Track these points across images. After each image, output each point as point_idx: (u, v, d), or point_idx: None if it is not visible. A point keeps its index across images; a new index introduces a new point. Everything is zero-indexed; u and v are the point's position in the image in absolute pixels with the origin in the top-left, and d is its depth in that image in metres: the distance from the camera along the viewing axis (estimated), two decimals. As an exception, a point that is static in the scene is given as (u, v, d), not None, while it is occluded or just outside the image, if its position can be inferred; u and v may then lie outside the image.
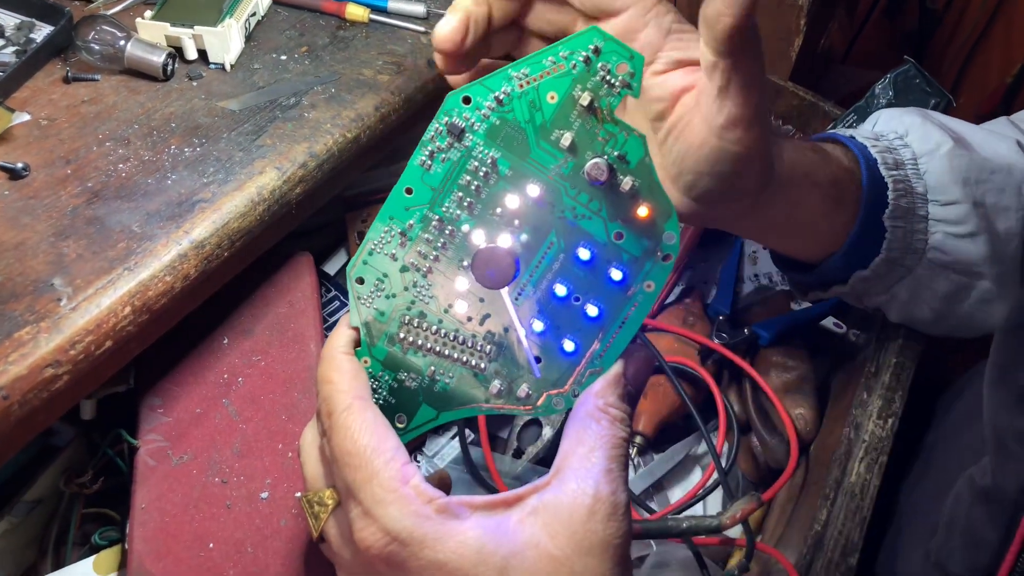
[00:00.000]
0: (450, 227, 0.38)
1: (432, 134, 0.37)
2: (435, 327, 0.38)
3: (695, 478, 0.68)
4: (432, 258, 0.38)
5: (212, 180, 0.52)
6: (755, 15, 0.36)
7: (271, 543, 0.50)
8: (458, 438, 0.64)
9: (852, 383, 0.62)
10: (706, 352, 0.70)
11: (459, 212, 0.37)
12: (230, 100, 0.58)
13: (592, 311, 0.37)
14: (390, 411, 0.39)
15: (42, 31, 0.60)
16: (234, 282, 0.55)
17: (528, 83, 0.36)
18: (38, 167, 0.51)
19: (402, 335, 0.39)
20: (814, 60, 0.90)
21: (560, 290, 0.37)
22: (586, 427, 0.35)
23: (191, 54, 0.60)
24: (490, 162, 0.37)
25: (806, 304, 0.74)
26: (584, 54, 0.36)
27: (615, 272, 0.37)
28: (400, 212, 0.38)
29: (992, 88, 1.10)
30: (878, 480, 0.54)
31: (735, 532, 0.57)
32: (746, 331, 0.70)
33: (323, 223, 0.75)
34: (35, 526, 0.56)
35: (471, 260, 0.37)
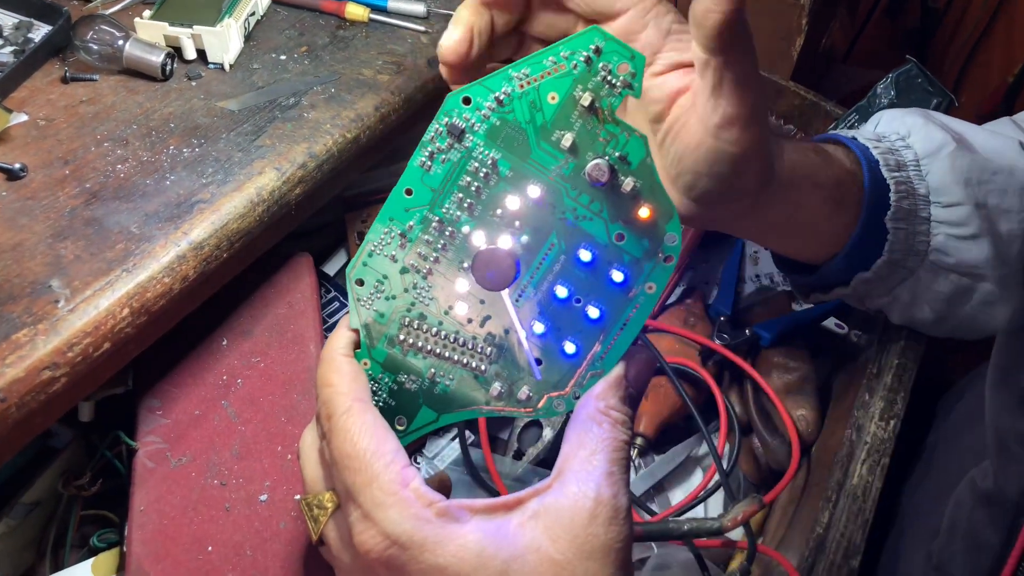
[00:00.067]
0: (450, 228, 0.37)
1: (432, 135, 0.37)
2: (435, 329, 0.38)
3: (696, 479, 0.68)
4: (432, 259, 0.38)
5: (211, 181, 0.52)
6: (744, 11, 0.36)
7: (270, 546, 0.50)
8: (458, 439, 0.64)
9: (854, 384, 0.62)
10: (707, 353, 0.69)
11: (459, 213, 0.37)
12: (229, 100, 0.58)
13: (593, 313, 0.37)
14: (390, 413, 0.39)
15: (40, 31, 0.60)
16: (233, 283, 0.55)
17: (529, 83, 0.36)
18: (36, 168, 0.51)
19: (402, 337, 0.39)
20: (815, 59, 0.90)
21: (561, 292, 0.37)
22: (587, 430, 0.35)
23: (190, 54, 0.60)
24: (490, 163, 0.37)
25: (807, 305, 0.73)
26: (585, 54, 0.35)
27: (616, 274, 0.36)
28: (400, 213, 0.38)
29: (993, 87, 1.10)
30: (880, 482, 0.53)
31: (736, 534, 0.57)
32: (747, 332, 0.69)
33: (323, 224, 0.75)
34: (33, 528, 0.55)
35: (471, 262, 0.37)
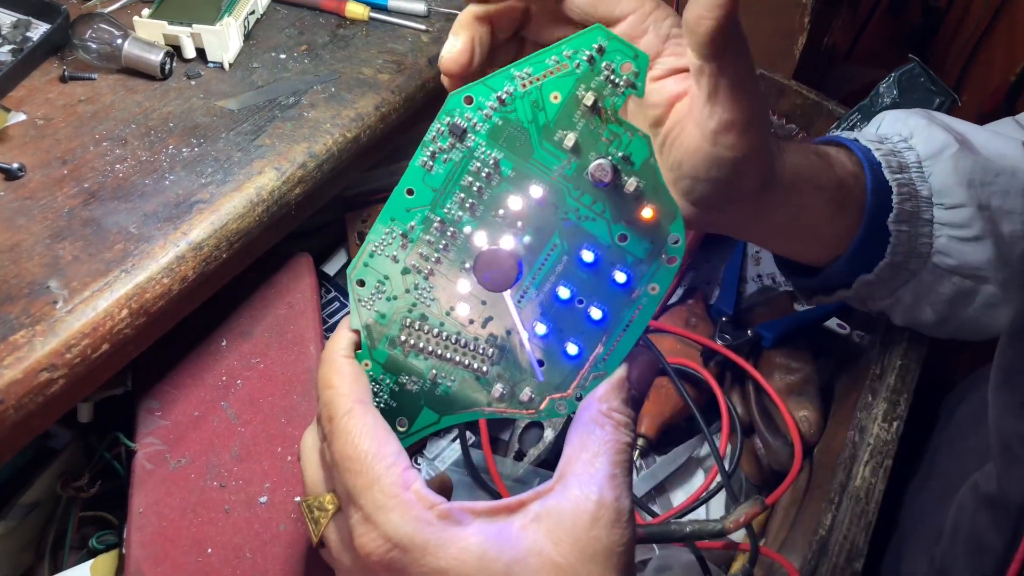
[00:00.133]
0: (452, 229, 0.37)
1: (433, 134, 0.36)
2: (437, 330, 0.38)
3: (698, 480, 0.68)
4: (434, 260, 0.37)
5: (210, 181, 0.51)
6: (737, 16, 0.36)
7: (270, 548, 0.49)
8: (459, 440, 0.64)
9: (856, 385, 0.61)
10: (709, 353, 0.69)
11: (461, 213, 0.37)
12: (229, 99, 0.58)
13: (596, 314, 0.36)
14: (391, 415, 0.39)
15: (38, 29, 0.59)
16: (233, 284, 0.55)
17: (531, 83, 0.36)
18: (34, 167, 0.51)
19: (403, 338, 0.38)
20: (817, 58, 0.90)
21: (563, 293, 0.37)
22: (590, 432, 0.35)
23: (189, 53, 0.60)
24: (492, 163, 0.36)
25: (809, 305, 0.73)
26: (588, 53, 0.35)
27: (619, 274, 0.36)
28: (401, 213, 0.37)
29: (995, 86, 1.09)
30: (883, 484, 0.53)
31: (738, 536, 0.57)
32: (749, 332, 0.69)
33: (323, 223, 0.74)
34: (32, 530, 0.55)
35: (473, 262, 0.37)
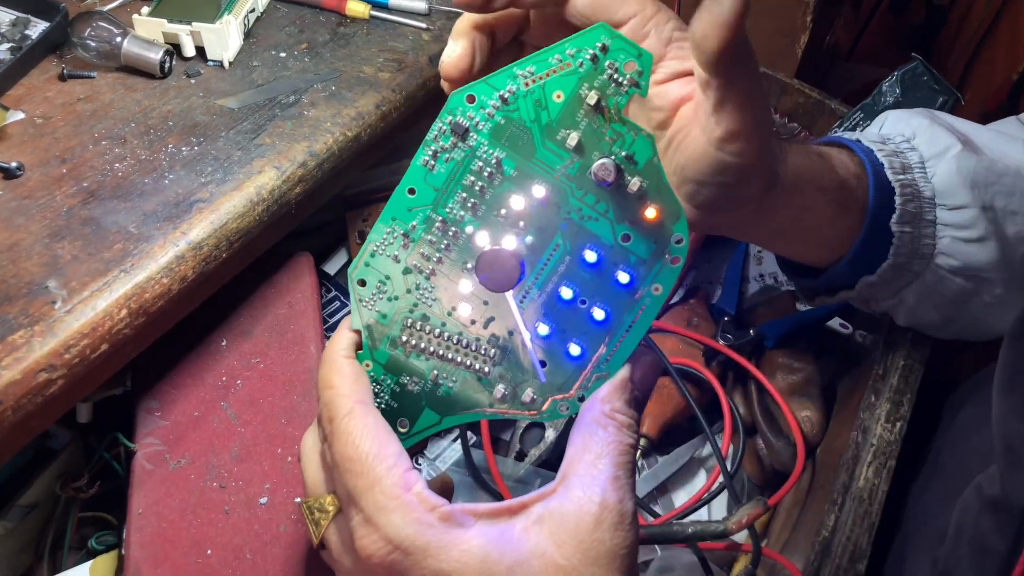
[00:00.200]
0: (454, 228, 0.37)
1: (435, 133, 0.36)
2: (438, 330, 0.38)
3: (699, 481, 0.68)
4: (435, 260, 0.37)
5: (210, 180, 0.51)
6: (743, 33, 0.35)
7: (270, 549, 0.49)
8: (460, 441, 0.63)
9: (859, 385, 0.61)
10: (711, 353, 0.69)
11: (463, 213, 0.37)
12: (228, 98, 0.57)
13: (598, 314, 0.36)
14: (392, 415, 0.38)
15: (37, 27, 0.59)
16: (232, 283, 0.54)
17: (534, 81, 0.35)
18: (32, 166, 0.50)
19: (404, 338, 0.38)
20: (819, 57, 0.89)
21: (566, 293, 0.36)
22: (592, 433, 0.35)
23: (189, 51, 0.60)
24: (495, 162, 0.36)
25: (812, 306, 0.73)
26: (591, 52, 0.35)
27: (622, 275, 0.36)
28: (403, 213, 0.37)
29: (998, 85, 1.09)
30: (886, 485, 0.53)
31: (740, 537, 0.57)
32: (751, 332, 0.69)
33: (323, 222, 0.74)
34: (31, 530, 0.55)
35: (475, 262, 0.36)
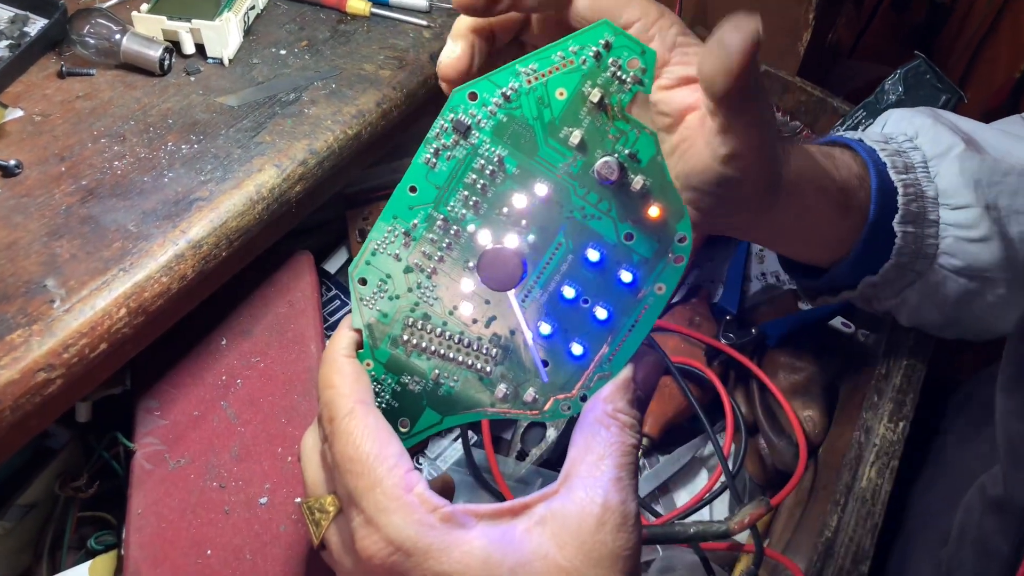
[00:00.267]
0: (455, 227, 0.36)
1: (437, 131, 0.36)
2: (439, 329, 0.37)
3: (701, 480, 0.67)
4: (437, 259, 0.37)
5: (210, 178, 0.51)
6: (750, 75, 0.35)
7: (270, 549, 0.49)
8: (461, 440, 0.63)
9: (862, 385, 0.61)
10: (712, 352, 0.68)
11: (465, 211, 0.36)
12: (228, 96, 0.57)
13: (601, 314, 0.36)
14: (393, 415, 0.38)
15: (36, 24, 0.59)
16: (232, 282, 0.54)
17: (536, 79, 0.35)
18: (31, 164, 0.50)
19: (406, 337, 0.38)
20: (822, 54, 0.89)
21: (568, 292, 0.36)
22: (595, 434, 0.35)
23: (188, 48, 0.60)
24: (497, 160, 0.36)
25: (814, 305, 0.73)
26: (594, 49, 0.35)
27: (625, 274, 0.36)
28: (404, 211, 0.37)
29: (1000, 83, 1.09)
30: (889, 485, 0.53)
31: (742, 537, 0.56)
32: (753, 331, 0.69)
33: (323, 221, 0.74)
34: (30, 530, 0.55)
35: (477, 261, 0.36)
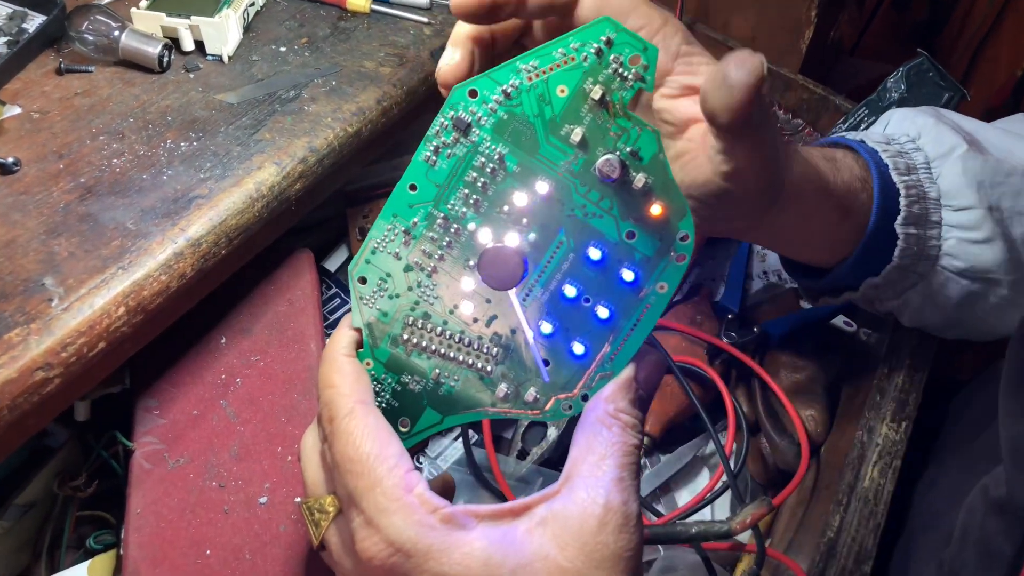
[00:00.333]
0: (456, 225, 0.36)
1: (437, 129, 0.36)
2: (440, 328, 0.37)
3: (703, 479, 0.67)
4: (437, 257, 0.37)
5: (209, 176, 0.51)
6: (756, 107, 0.35)
7: (270, 549, 0.49)
8: (461, 439, 0.63)
9: (864, 384, 0.61)
10: (714, 351, 0.68)
11: (465, 210, 0.36)
12: (228, 93, 0.57)
13: (603, 313, 0.36)
14: (393, 415, 0.38)
15: (34, 21, 0.59)
16: (232, 280, 0.54)
17: (537, 76, 0.35)
18: (29, 162, 0.50)
19: (406, 336, 0.37)
20: (824, 52, 0.89)
21: (569, 291, 0.36)
22: (596, 433, 0.34)
23: (188, 45, 0.59)
24: (497, 158, 0.36)
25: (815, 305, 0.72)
26: (596, 46, 0.34)
27: (627, 272, 0.35)
28: (404, 209, 0.37)
29: (1002, 81, 1.09)
30: (892, 485, 0.52)
31: (744, 537, 0.56)
32: (755, 330, 0.68)
33: (323, 218, 0.73)
34: (28, 530, 0.54)
35: (477, 260, 0.36)
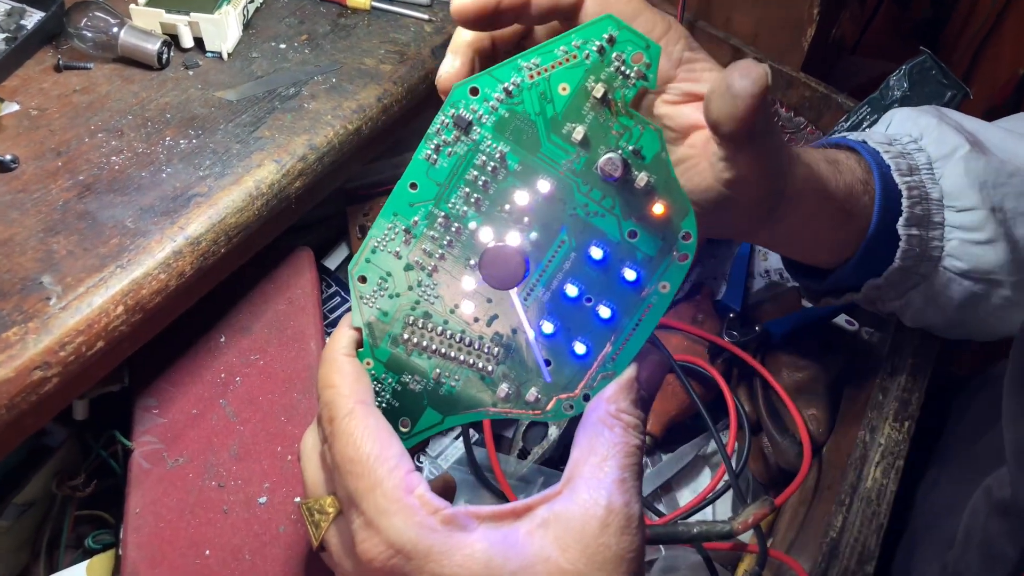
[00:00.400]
0: (457, 224, 0.36)
1: (438, 127, 0.35)
2: (440, 328, 0.37)
3: (704, 479, 0.67)
4: (438, 256, 0.36)
5: (208, 173, 0.50)
6: (760, 116, 0.35)
7: (269, 550, 0.49)
8: (462, 438, 0.63)
9: (866, 383, 0.60)
10: (715, 350, 0.68)
11: (466, 209, 0.36)
12: (227, 90, 0.57)
13: (604, 312, 0.36)
14: (393, 415, 0.38)
15: (33, 17, 0.58)
16: (231, 279, 0.54)
17: (539, 73, 0.35)
18: (27, 159, 0.50)
19: (406, 336, 0.37)
20: (826, 50, 0.88)
21: (571, 290, 0.36)
22: (598, 434, 0.34)
23: (187, 42, 0.59)
24: (498, 156, 0.35)
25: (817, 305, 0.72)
26: (598, 43, 0.34)
27: (629, 272, 0.35)
28: (404, 208, 0.36)
29: (1004, 80, 1.08)
30: (895, 485, 0.52)
31: (746, 537, 0.56)
32: (757, 328, 0.68)
33: (323, 216, 0.73)
34: (27, 529, 0.54)
35: (478, 259, 0.36)
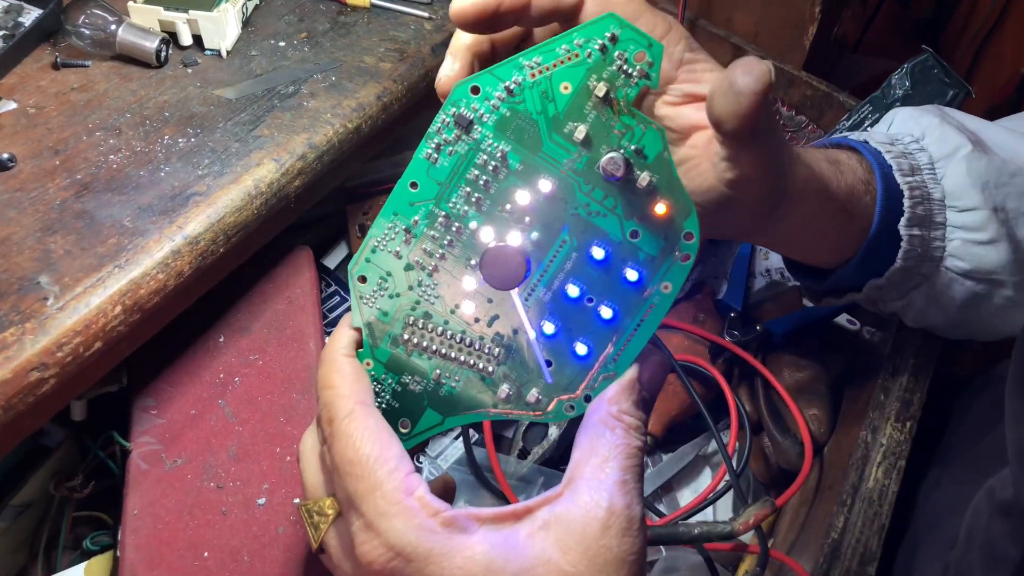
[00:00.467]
0: (457, 224, 0.36)
1: (438, 126, 0.35)
2: (441, 328, 0.37)
3: (705, 479, 0.67)
4: (438, 256, 0.36)
5: (207, 172, 0.50)
6: (762, 114, 0.35)
7: (268, 551, 0.48)
8: (462, 439, 0.62)
9: (868, 383, 0.60)
10: (716, 350, 0.68)
11: (467, 208, 0.36)
12: (226, 88, 0.56)
13: (606, 313, 0.35)
14: (393, 416, 0.38)
15: (30, 15, 0.58)
16: (230, 278, 0.54)
17: (540, 72, 0.34)
18: (25, 158, 0.50)
19: (406, 336, 0.37)
20: (828, 48, 0.88)
21: (572, 291, 0.36)
22: (599, 435, 0.34)
23: (186, 40, 0.59)
24: (500, 156, 0.35)
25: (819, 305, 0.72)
26: (600, 42, 0.34)
27: (631, 272, 0.35)
28: (405, 208, 0.36)
29: (1006, 79, 1.08)
30: (896, 486, 0.52)
31: (747, 537, 0.56)
32: (758, 328, 0.68)
33: (323, 215, 0.73)
34: (25, 530, 0.54)
35: (479, 259, 0.36)
